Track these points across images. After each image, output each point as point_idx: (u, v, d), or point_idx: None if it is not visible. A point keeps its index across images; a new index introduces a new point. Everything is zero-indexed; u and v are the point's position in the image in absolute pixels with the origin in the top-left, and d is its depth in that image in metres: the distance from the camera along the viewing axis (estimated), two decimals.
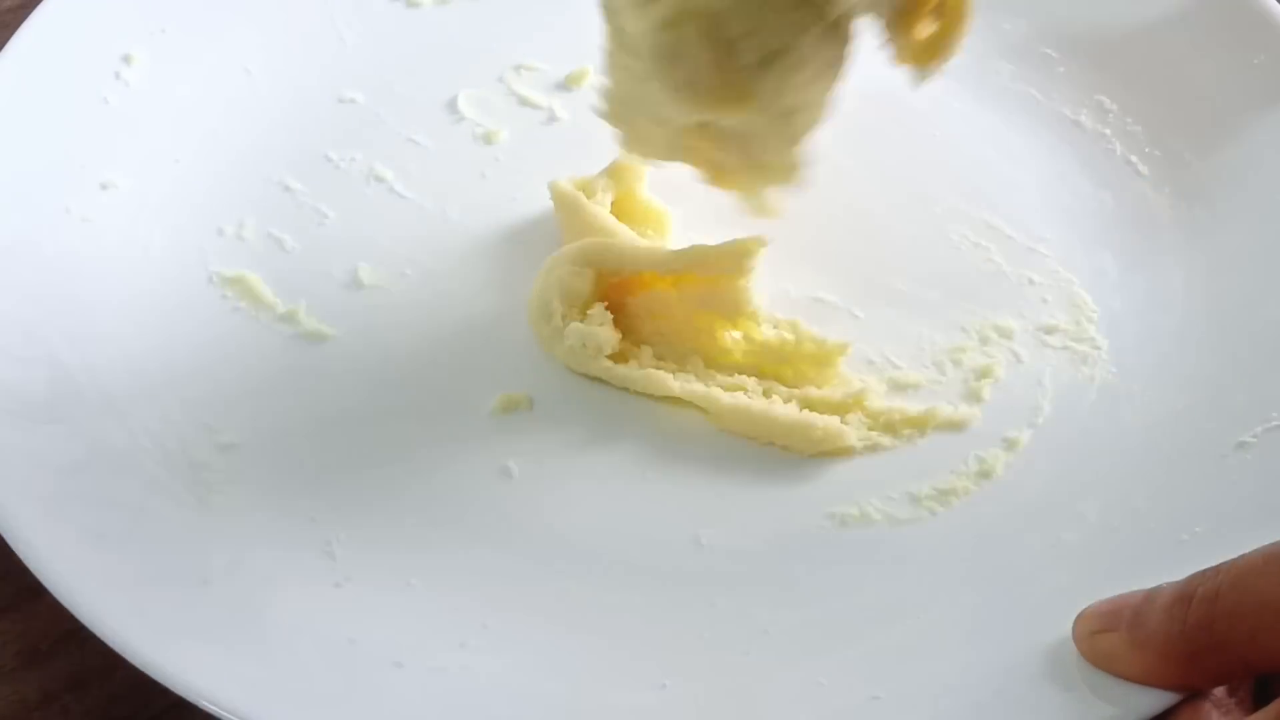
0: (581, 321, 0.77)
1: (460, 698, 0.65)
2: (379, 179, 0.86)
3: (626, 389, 0.77)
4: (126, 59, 0.87)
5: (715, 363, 0.77)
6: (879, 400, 0.76)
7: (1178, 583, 0.61)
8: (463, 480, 0.74)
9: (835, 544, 0.72)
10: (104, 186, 0.83)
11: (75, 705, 0.69)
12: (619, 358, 0.77)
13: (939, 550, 0.71)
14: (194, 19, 0.90)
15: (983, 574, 0.70)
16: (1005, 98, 0.90)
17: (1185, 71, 0.88)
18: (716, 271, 0.76)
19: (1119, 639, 0.62)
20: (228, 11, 0.91)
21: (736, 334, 0.78)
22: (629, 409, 0.77)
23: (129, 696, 0.69)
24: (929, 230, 0.84)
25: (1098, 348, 0.79)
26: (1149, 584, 0.62)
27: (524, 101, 0.90)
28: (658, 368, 0.76)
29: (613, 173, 0.82)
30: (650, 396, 0.77)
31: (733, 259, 0.76)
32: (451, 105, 0.90)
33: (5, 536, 0.67)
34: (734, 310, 0.77)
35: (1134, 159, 0.86)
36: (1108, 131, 0.88)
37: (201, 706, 0.62)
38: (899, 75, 0.81)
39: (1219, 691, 0.62)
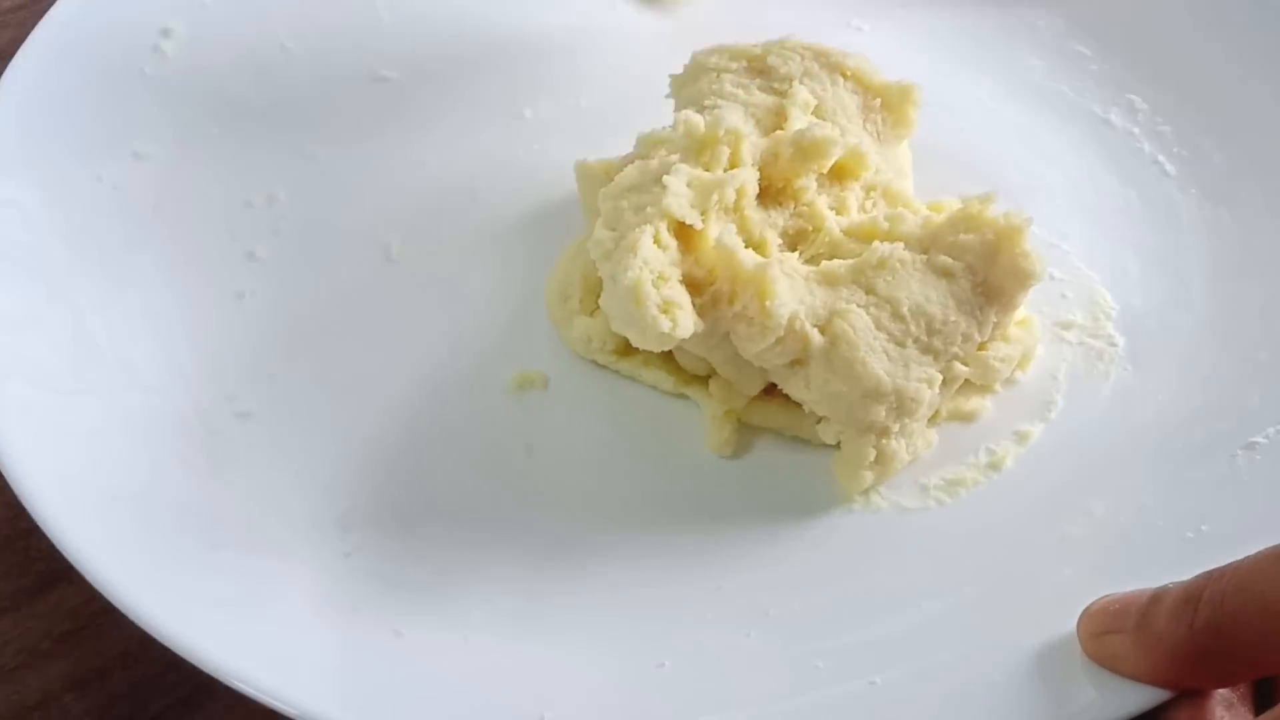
0: (591, 317, 0.77)
1: (460, 669, 0.66)
2: (409, 155, 0.87)
3: (634, 379, 0.78)
4: (165, 32, 0.88)
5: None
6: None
7: (1183, 584, 0.61)
8: (475, 455, 0.75)
9: (840, 529, 0.72)
10: (137, 156, 0.84)
11: (75, 705, 0.70)
12: (623, 351, 0.77)
13: (944, 540, 0.72)
14: None
15: (987, 566, 0.70)
16: (1036, 94, 0.90)
17: (1216, 74, 0.88)
18: None
19: (1125, 640, 0.62)
20: None
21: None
22: (641, 391, 0.77)
23: (129, 696, 0.70)
24: None
25: (1114, 344, 0.78)
26: (1154, 581, 0.62)
27: (556, 81, 0.90)
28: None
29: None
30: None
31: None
32: (484, 84, 0.90)
33: (21, 499, 0.68)
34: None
35: (1161, 159, 0.86)
36: (1136, 130, 0.88)
37: (198, 665, 0.63)
38: (926, 69, 0.82)
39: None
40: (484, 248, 0.83)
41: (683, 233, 0.72)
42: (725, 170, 0.73)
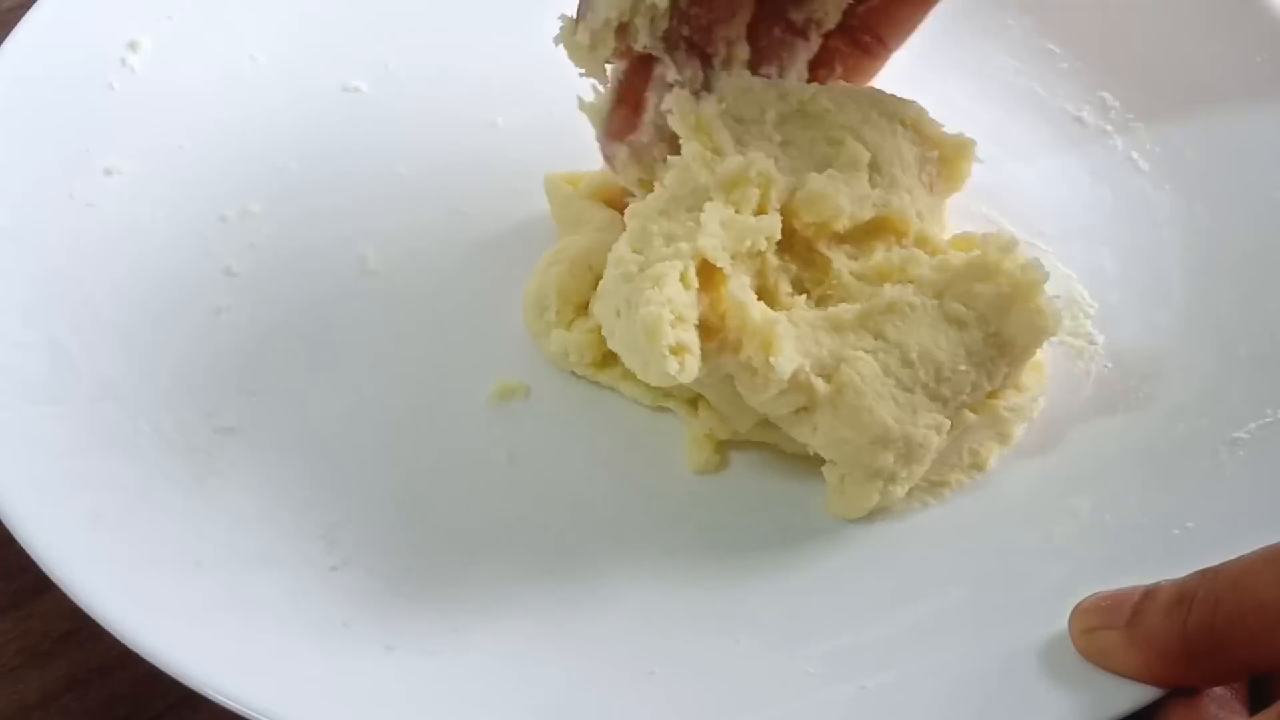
0: (569, 329, 0.77)
1: (450, 682, 0.65)
2: (382, 167, 0.86)
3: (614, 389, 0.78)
4: (132, 45, 0.88)
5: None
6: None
7: (1176, 583, 0.61)
8: (459, 467, 0.74)
9: (827, 534, 0.72)
10: (108, 172, 0.83)
11: (75, 705, 0.69)
12: (601, 364, 0.77)
13: (930, 543, 0.72)
14: (201, 6, 0.90)
15: (974, 567, 0.70)
16: (1008, 93, 0.90)
17: (1187, 69, 0.88)
18: None
19: (1117, 636, 0.62)
20: None
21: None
22: (623, 400, 0.77)
23: (129, 696, 0.70)
24: None
25: (1094, 343, 0.79)
26: (1142, 579, 0.63)
27: (527, 90, 0.90)
28: None
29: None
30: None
31: None
32: (455, 93, 0.90)
33: (2, 516, 0.67)
34: None
35: (1135, 155, 0.86)
36: (1109, 128, 0.88)
37: (186, 684, 0.62)
38: (897, 69, 0.82)
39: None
40: (460, 257, 0.83)
41: (705, 272, 0.70)
42: (753, 212, 0.72)
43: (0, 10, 0.96)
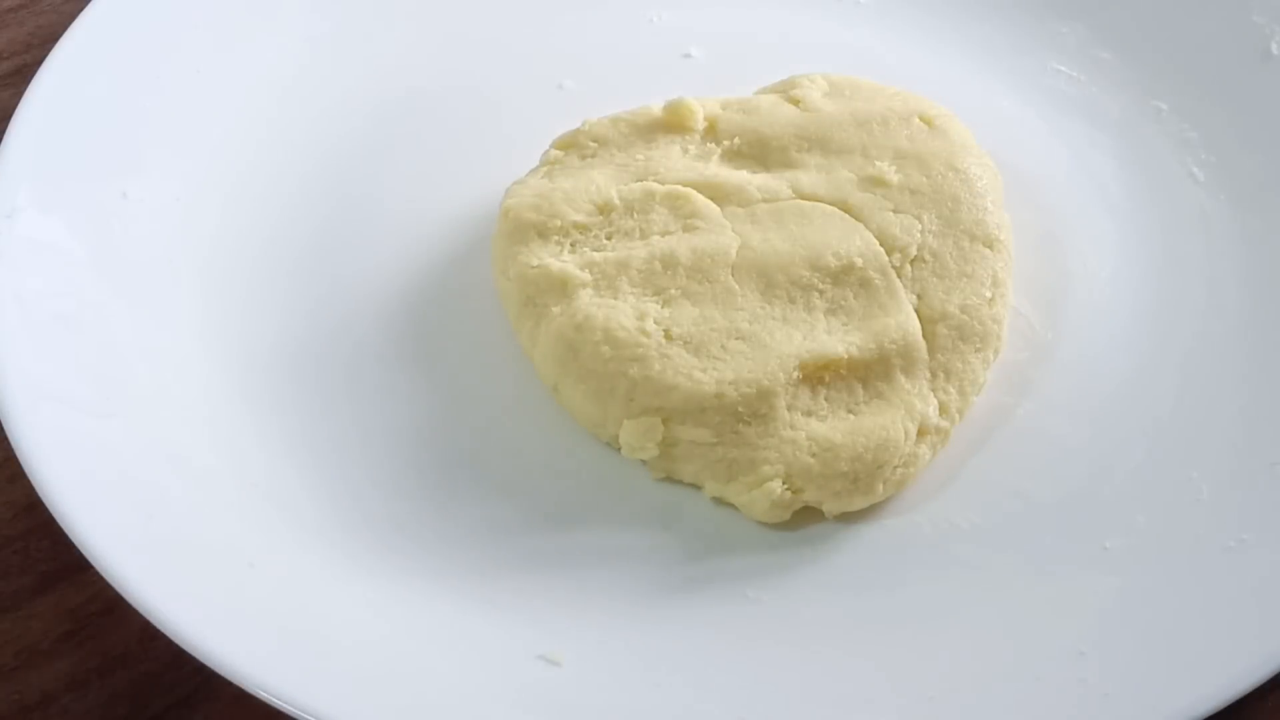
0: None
1: (502, 686, 0.65)
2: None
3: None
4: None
5: None
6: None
7: None
8: (498, 478, 0.73)
9: (881, 545, 0.71)
10: (159, 174, 0.81)
11: (75, 705, 0.69)
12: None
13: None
14: None
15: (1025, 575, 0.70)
16: (1061, 102, 0.89)
17: (1243, 79, 0.87)
18: None
19: None
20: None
21: None
22: None
23: (129, 696, 0.69)
24: None
25: (1151, 355, 0.77)
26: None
27: None
28: None
29: None
30: None
31: None
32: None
33: (59, 521, 0.66)
34: None
35: (1190, 166, 0.85)
36: (1164, 137, 0.86)
37: (242, 685, 0.61)
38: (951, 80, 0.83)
39: None
40: None
41: None
42: None
43: (0, 10, 0.96)
